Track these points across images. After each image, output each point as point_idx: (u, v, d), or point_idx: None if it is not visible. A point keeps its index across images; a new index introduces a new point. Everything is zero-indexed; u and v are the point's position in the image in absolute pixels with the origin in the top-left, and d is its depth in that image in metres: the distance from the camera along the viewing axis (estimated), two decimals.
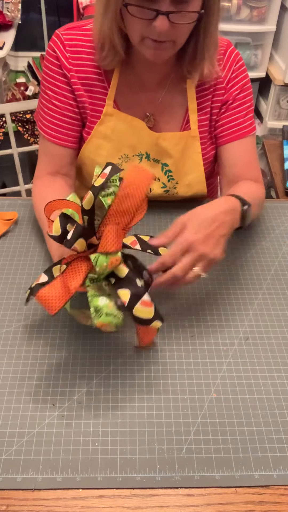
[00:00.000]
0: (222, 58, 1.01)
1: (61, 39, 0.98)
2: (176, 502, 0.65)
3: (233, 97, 1.03)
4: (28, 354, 0.81)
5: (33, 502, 0.64)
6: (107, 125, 1.03)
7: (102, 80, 1.00)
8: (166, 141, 1.03)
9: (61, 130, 1.02)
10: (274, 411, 0.75)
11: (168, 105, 1.03)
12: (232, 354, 0.83)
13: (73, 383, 0.77)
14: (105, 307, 0.68)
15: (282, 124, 2.19)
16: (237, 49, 1.06)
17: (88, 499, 0.65)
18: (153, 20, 0.82)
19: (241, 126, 1.04)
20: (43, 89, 1.02)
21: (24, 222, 1.08)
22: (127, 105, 1.02)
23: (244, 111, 1.05)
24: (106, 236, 0.70)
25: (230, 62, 1.02)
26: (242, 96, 1.04)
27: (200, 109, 1.04)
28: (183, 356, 0.82)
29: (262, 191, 1.05)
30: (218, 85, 1.02)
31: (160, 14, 0.80)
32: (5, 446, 0.69)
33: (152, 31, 0.83)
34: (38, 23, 2.39)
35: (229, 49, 1.02)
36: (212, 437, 0.71)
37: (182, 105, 1.03)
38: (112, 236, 0.70)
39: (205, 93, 1.03)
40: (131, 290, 0.69)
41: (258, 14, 2.30)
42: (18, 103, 1.82)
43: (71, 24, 1.00)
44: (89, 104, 1.01)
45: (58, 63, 0.98)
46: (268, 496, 0.66)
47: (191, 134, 1.04)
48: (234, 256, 1.01)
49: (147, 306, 0.70)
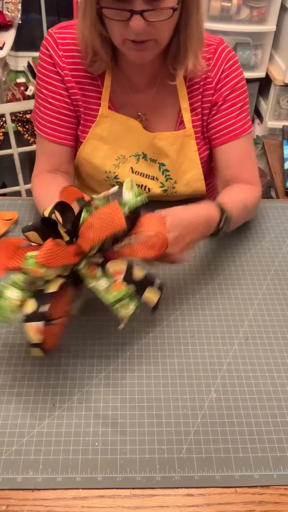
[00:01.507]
0: (212, 57, 0.99)
1: (54, 38, 0.98)
2: (176, 502, 0.65)
3: (223, 98, 1.01)
4: (28, 354, 0.81)
5: (33, 502, 0.64)
6: (102, 126, 1.03)
7: (95, 79, 1.00)
8: (162, 140, 1.03)
9: (58, 128, 1.02)
10: (274, 411, 0.75)
11: (159, 105, 1.03)
12: (232, 354, 0.83)
13: (73, 383, 0.77)
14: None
15: (282, 124, 2.19)
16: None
17: (88, 499, 0.65)
18: (129, 21, 0.81)
19: (233, 127, 1.03)
20: (38, 88, 1.02)
21: (24, 222, 1.07)
22: (120, 105, 1.03)
23: (236, 111, 1.02)
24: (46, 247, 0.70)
25: (220, 62, 1.00)
26: (234, 97, 1.02)
27: (192, 110, 1.03)
28: (183, 356, 0.82)
29: (255, 194, 1.04)
30: (208, 85, 1.01)
31: (134, 13, 0.80)
32: (5, 446, 0.69)
33: (130, 32, 0.83)
34: (38, 23, 2.39)
35: (220, 47, 1.00)
36: (212, 437, 0.71)
37: (174, 104, 1.03)
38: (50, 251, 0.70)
39: (195, 93, 1.02)
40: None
41: (258, 14, 2.29)
42: (18, 103, 1.82)
43: (64, 23, 1.00)
44: (82, 102, 1.01)
45: (52, 62, 0.98)
46: (268, 496, 0.66)
47: (186, 133, 1.04)
48: (234, 256, 1.01)
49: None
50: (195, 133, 1.04)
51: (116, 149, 1.05)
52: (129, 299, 0.73)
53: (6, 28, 2.10)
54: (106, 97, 1.01)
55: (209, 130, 1.05)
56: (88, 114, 1.03)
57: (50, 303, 0.70)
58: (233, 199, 0.95)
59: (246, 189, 1.02)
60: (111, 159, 1.05)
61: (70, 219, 0.75)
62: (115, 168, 1.06)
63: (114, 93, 1.01)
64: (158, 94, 1.02)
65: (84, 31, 0.90)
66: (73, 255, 0.72)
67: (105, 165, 1.06)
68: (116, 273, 0.74)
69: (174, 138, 1.03)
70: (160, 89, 1.02)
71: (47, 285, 0.71)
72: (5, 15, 2.07)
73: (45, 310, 0.69)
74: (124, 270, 0.74)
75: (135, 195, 0.74)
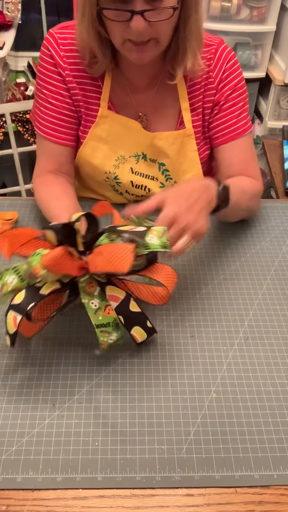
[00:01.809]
0: (213, 58, 1.00)
1: (55, 38, 0.98)
2: (176, 502, 0.65)
3: (225, 98, 1.02)
4: (28, 354, 0.81)
5: (33, 502, 0.64)
6: (102, 127, 1.03)
7: (96, 79, 1.00)
8: (162, 140, 1.03)
9: (59, 129, 1.02)
10: (274, 411, 0.75)
11: (160, 105, 1.03)
12: (232, 354, 0.82)
13: (73, 383, 0.77)
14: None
15: (282, 124, 2.19)
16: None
17: (88, 499, 0.65)
18: (129, 21, 0.81)
19: (235, 126, 1.03)
20: (38, 88, 1.02)
21: (24, 222, 1.07)
22: (121, 106, 1.03)
23: (238, 110, 1.03)
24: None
25: (221, 62, 1.00)
26: (235, 96, 1.02)
27: (192, 110, 1.03)
28: (183, 356, 0.82)
29: (257, 186, 1.04)
30: (209, 85, 1.01)
31: (135, 14, 0.80)
32: (5, 446, 0.69)
33: (131, 33, 0.83)
34: (38, 23, 2.39)
35: (221, 47, 1.01)
36: (212, 437, 0.71)
37: (174, 105, 1.03)
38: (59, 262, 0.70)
39: (196, 93, 1.02)
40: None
41: (258, 14, 2.29)
42: (18, 103, 1.82)
43: (65, 23, 1.00)
44: (83, 103, 1.01)
45: (53, 62, 0.98)
46: (268, 496, 0.66)
47: (186, 132, 1.04)
48: (234, 256, 1.01)
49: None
50: (195, 133, 1.04)
51: (115, 149, 1.05)
52: (113, 329, 0.74)
53: (6, 28, 2.10)
54: (106, 98, 1.01)
55: (210, 130, 1.05)
56: (89, 115, 1.03)
57: (37, 303, 0.71)
58: (233, 181, 0.95)
59: (245, 179, 1.02)
60: (110, 159, 1.05)
61: (93, 232, 0.76)
62: (115, 169, 1.06)
63: (115, 94, 1.01)
64: (158, 94, 1.02)
65: (82, 33, 0.90)
66: (78, 269, 0.73)
67: (104, 166, 1.06)
68: (112, 299, 0.75)
69: (174, 138, 1.03)
70: (160, 90, 1.02)
71: (42, 285, 0.72)
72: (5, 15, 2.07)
73: (29, 308, 0.70)
74: (120, 299, 0.75)
75: (161, 245, 0.73)
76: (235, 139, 1.04)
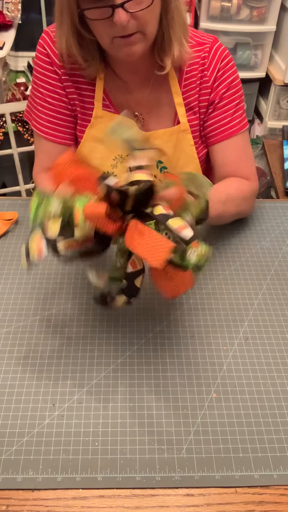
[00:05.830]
0: (207, 56, 1.00)
1: (51, 36, 0.98)
2: (176, 502, 0.65)
3: (220, 96, 1.02)
4: (28, 354, 0.81)
5: (33, 502, 0.64)
6: (97, 127, 1.03)
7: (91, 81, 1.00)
8: (158, 139, 1.03)
9: (57, 128, 1.02)
10: (274, 411, 0.75)
11: (155, 105, 1.03)
12: (232, 354, 0.83)
13: (73, 383, 0.77)
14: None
15: (282, 124, 2.19)
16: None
17: (88, 499, 0.65)
18: (112, 17, 0.81)
19: (230, 125, 1.03)
20: (35, 87, 1.02)
21: (24, 222, 1.07)
22: (119, 106, 1.03)
23: (233, 109, 1.03)
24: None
25: (215, 60, 1.00)
26: (230, 94, 1.02)
27: (189, 109, 1.03)
28: (183, 356, 0.82)
29: (249, 187, 1.03)
30: (204, 83, 1.01)
31: (116, 7, 0.80)
32: (5, 446, 0.69)
33: (116, 29, 0.83)
34: (38, 23, 2.38)
35: (215, 46, 1.00)
36: (212, 437, 0.71)
37: (170, 103, 1.03)
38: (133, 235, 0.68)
39: (192, 92, 1.02)
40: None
41: (258, 14, 2.29)
42: (18, 103, 1.82)
43: None
44: (79, 102, 1.01)
45: (49, 60, 0.98)
46: (268, 496, 0.66)
47: (181, 128, 1.03)
48: (234, 256, 1.01)
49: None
50: (193, 132, 1.04)
51: (113, 149, 1.05)
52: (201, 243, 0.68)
53: (6, 28, 2.10)
54: (99, 99, 1.00)
55: (205, 128, 1.05)
56: (85, 114, 1.03)
57: (66, 241, 0.69)
58: (215, 193, 0.93)
59: (234, 183, 1.02)
60: (108, 159, 1.05)
61: (147, 198, 0.71)
62: (113, 168, 1.06)
63: (112, 94, 1.01)
64: (153, 93, 1.02)
65: (61, 38, 0.90)
66: (116, 230, 0.70)
67: (103, 166, 1.06)
68: (132, 264, 0.72)
69: (169, 134, 1.03)
70: (155, 89, 1.02)
71: (76, 228, 0.70)
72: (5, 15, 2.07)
73: (59, 244, 0.69)
74: (137, 269, 0.72)
75: (194, 264, 0.69)
76: (229, 138, 1.03)
